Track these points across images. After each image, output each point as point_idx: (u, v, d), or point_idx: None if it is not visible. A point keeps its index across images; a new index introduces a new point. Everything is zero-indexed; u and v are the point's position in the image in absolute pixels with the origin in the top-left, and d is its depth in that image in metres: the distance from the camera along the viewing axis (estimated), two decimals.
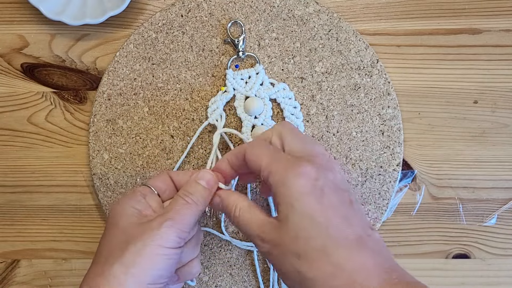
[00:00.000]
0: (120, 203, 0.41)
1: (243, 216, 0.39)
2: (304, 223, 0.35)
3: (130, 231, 0.38)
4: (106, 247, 0.39)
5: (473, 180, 0.51)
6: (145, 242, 0.37)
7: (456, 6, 0.52)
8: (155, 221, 0.39)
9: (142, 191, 0.42)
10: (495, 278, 0.51)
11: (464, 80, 0.52)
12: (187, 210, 0.40)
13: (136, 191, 0.42)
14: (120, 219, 0.40)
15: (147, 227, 0.38)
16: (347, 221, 0.36)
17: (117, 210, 0.40)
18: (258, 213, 0.39)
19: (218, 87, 0.51)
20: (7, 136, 0.52)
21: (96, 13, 0.50)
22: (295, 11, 0.51)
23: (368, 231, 0.36)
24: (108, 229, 0.40)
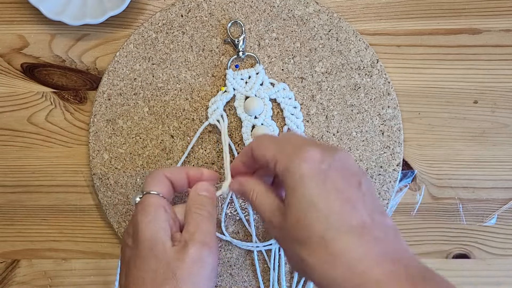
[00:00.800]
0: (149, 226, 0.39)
1: (259, 200, 0.39)
2: (304, 209, 0.35)
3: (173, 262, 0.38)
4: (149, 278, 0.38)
5: (473, 180, 0.51)
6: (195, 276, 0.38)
7: (456, 6, 0.52)
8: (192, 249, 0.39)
9: (160, 203, 0.41)
10: (495, 278, 0.51)
11: (464, 80, 0.52)
12: (209, 224, 0.41)
13: (155, 205, 0.40)
14: (156, 246, 0.39)
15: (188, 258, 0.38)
16: (351, 206, 0.34)
17: (149, 234, 0.39)
18: (273, 198, 0.39)
19: (218, 87, 0.51)
20: (7, 136, 0.52)
21: (96, 13, 0.50)
22: (295, 11, 0.51)
23: (375, 217, 0.35)
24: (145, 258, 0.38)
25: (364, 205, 0.35)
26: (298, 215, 0.35)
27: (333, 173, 0.35)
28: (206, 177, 0.44)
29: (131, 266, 0.39)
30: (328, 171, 0.35)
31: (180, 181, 0.43)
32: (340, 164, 0.36)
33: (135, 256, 0.39)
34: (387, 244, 0.34)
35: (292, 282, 0.50)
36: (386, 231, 0.34)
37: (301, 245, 0.35)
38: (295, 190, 0.35)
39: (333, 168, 0.35)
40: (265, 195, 0.39)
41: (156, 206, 0.40)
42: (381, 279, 0.32)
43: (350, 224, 0.34)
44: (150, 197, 0.41)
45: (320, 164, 0.35)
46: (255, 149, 0.40)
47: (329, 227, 0.34)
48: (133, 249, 0.39)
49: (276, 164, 0.37)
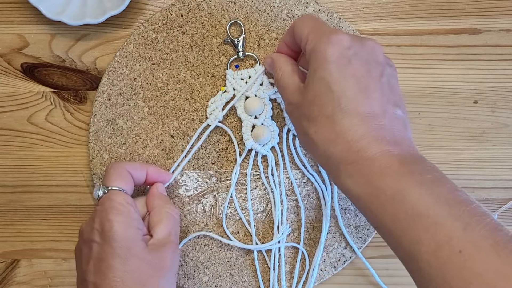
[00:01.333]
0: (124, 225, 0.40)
1: (283, 79, 0.42)
2: (320, 89, 0.37)
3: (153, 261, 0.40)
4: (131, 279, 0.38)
5: (473, 180, 0.51)
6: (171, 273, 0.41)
7: (456, 6, 0.52)
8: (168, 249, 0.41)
9: (129, 201, 0.41)
10: None
11: (464, 80, 0.52)
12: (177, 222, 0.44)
13: (125, 204, 0.41)
14: (133, 245, 0.39)
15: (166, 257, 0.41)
16: (365, 94, 0.36)
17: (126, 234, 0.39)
18: (297, 79, 0.41)
19: (218, 87, 0.51)
20: (7, 136, 0.52)
21: (96, 13, 0.50)
22: (295, 11, 0.51)
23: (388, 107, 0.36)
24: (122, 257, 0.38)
25: (379, 95, 0.37)
26: (313, 94, 0.37)
27: (357, 61, 0.37)
28: (163, 178, 0.47)
29: (104, 265, 0.38)
30: (352, 58, 0.37)
31: (140, 177, 0.45)
32: (366, 53, 0.38)
33: (109, 255, 0.38)
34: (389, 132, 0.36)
35: (292, 282, 0.50)
36: (393, 121, 0.36)
37: (310, 122, 0.37)
38: (316, 71, 0.37)
39: (358, 56, 0.37)
40: (290, 74, 0.41)
41: (126, 205, 0.41)
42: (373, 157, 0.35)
43: (358, 110, 0.36)
44: (119, 195, 0.41)
45: (346, 50, 0.37)
46: (296, 25, 0.41)
47: (338, 109, 0.36)
48: (104, 247, 0.39)
49: (307, 42, 0.39)
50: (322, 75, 0.37)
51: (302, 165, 0.50)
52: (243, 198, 0.50)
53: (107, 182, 0.42)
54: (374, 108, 0.36)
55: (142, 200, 0.45)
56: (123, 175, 0.43)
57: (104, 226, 0.39)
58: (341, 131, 0.36)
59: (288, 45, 0.44)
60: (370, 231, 0.50)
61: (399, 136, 0.36)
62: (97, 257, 0.39)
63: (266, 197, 0.50)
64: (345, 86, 0.36)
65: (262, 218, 0.50)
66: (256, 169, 0.50)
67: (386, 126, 0.36)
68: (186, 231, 0.50)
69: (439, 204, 0.32)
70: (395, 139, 0.36)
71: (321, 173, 0.50)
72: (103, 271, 0.38)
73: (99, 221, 0.40)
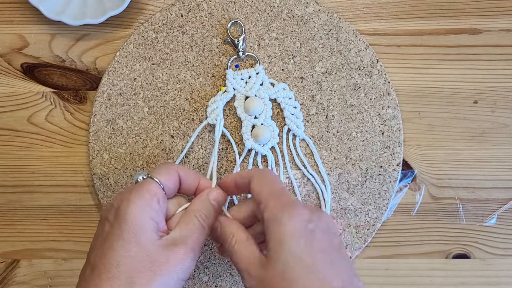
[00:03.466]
0: (139, 210, 0.38)
1: (238, 248, 0.39)
2: (291, 264, 0.36)
3: (155, 255, 0.37)
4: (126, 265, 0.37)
5: (473, 180, 0.51)
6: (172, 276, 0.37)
7: (456, 6, 0.52)
8: (180, 249, 0.38)
9: (157, 192, 0.39)
10: (495, 278, 0.51)
11: (464, 80, 0.52)
12: (204, 237, 0.40)
13: (152, 193, 0.39)
14: (142, 233, 0.38)
15: (173, 256, 0.38)
16: (333, 267, 0.36)
17: (137, 219, 0.38)
18: (253, 248, 0.39)
19: (218, 87, 0.51)
20: (7, 136, 0.52)
21: (96, 13, 0.50)
22: (295, 11, 0.51)
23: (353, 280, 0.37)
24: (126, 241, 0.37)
25: (344, 268, 0.37)
26: (284, 268, 0.36)
27: (319, 234, 0.37)
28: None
29: (107, 245, 0.38)
30: (314, 231, 0.37)
31: (189, 184, 0.43)
32: (325, 226, 0.38)
33: (115, 236, 0.37)
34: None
35: None
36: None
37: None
38: (282, 243, 0.36)
39: (319, 229, 0.37)
40: (246, 243, 0.39)
41: (152, 194, 0.39)
42: None
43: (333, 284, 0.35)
44: (151, 183, 0.40)
45: (308, 223, 0.37)
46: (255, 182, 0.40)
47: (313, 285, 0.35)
48: (114, 226, 0.38)
49: (266, 208, 0.38)
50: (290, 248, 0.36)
51: (302, 165, 0.50)
52: (243, 198, 0.50)
53: (152, 171, 0.41)
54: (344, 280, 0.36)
55: (179, 199, 0.43)
56: (169, 172, 0.41)
57: (121, 205, 0.38)
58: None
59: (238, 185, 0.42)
60: (370, 231, 0.50)
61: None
62: (105, 237, 0.38)
63: None
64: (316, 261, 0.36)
65: None
66: None
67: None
68: None
69: None
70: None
71: (321, 173, 0.50)
72: (103, 251, 0.37)
73: (120, 198, 0.39)
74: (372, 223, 0.50)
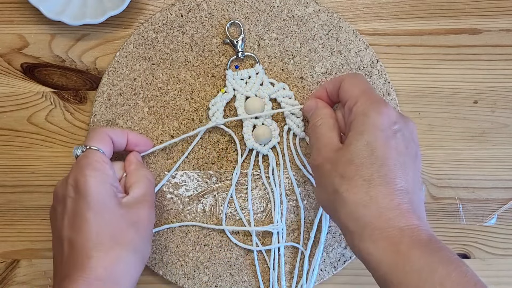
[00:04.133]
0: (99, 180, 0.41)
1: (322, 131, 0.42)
2: (364, 151, 0.38)
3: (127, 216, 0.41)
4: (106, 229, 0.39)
5: (473, 180, 0.51)
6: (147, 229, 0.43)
7: (456, 6, 0.52)
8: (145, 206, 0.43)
9: (105, 160, 0.43)
10: (495, 278, 0.51)
11: (464, 80, 0.52)
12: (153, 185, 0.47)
13: (102, 162, 0.42)
14: (108, 200, 0.41)
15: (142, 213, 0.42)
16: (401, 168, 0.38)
17: (100, 189, 0.40)
18: (335, 136, 0.42)
19: (218, 87, 0.51)
20: (7, 136, 0.52)
21: (96, 13, 0.50)
22: (295, 11, 0.51)
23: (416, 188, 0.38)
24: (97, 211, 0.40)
25: (413, 174, 0.39)
26: (355, 154, 0.38)
27: (400, 136, 0.39)
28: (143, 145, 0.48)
29: (77, 219, 0.39)
30: (397, 133, 0.39)
31: (120, 142, 0.46)
32: (408, 132, 0.40)
33: (84, 209, 0.39)
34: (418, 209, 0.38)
35: (292, 282, 0.50)
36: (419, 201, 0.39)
37: (344, 180, 0.38)
38: (363, 134, 0.39)
39: (401, 132, 0.39)
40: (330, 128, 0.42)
41: (102, 162, 0.42)
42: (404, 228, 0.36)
43: (396, 181, 0.37)
44: (96, 153, 0.42)
45: (393, 124, 0.39)
46: (346, 81, 0.43)
47: (377, 175, 0.37)
48: (78, 201, 0.40)
49: (356, 103, 0.40)
50: (368, 140, 0.38)
51: (302, 165, 0.50)
52: (243, 198, 0.50)
53: (87, 142, 0.44)
54: (408, 184, 0.38)
55: (120, 163, 0.47)
56: (102, 137, 0.44)
57: (79, 181, 0.40)
58: (376, 197, 0.37)
59: (329, 93, 0.45)
60: None
61: (423, 216, 0.38)
62: (72, 212, 0.40)
63: (266, 197, 0.50)
64: (388, 156, 0.38)
65: (262, 218, 0.50)
66: (256, 169, 0.50)
67: (415, 203, 0.38)
68: (186, 231, 0.50)
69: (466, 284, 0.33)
70: (421, 217, 0.37)
71: None
72: (78, 225, 0.39)
73: (74, 176, 0.41)
74: None
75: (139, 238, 0.41)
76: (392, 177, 0.37)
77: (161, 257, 0.50)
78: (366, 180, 0.37)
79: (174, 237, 0.50)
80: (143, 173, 0.45)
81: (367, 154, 0.38)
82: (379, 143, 0.38)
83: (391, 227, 0.36)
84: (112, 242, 0.39)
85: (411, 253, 0.35)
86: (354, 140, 0.39)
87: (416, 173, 0.39)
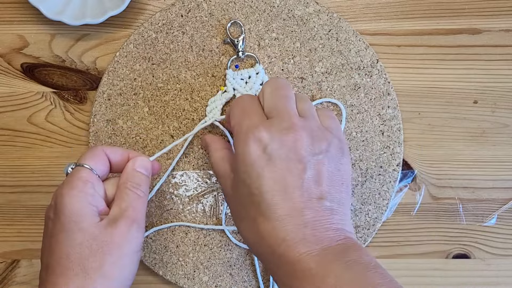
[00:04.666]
0: (75, 200, 0.38)
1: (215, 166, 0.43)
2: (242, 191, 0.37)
3: (100, 236, 0.37)
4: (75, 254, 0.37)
5: (473, 180, 0.51)
6: (122, 251, 0.38)
7: (456, 6, 0.52)
8: (121, 224, 0.38)
9: (89, 178, 0.39)
10: (495, 278, 0.51)
11: (464, 80, 0.52)
12: (142, 204, 0.41)
13: (84, 180, 0.39)
14: (82, 219, 0.37)
15: (117, 232, 0.38)
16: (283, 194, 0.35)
17: (75, 208, 0.38)
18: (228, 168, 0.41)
19: (218, 87, 0.51)
20: (7, 136, 0.52)
21: (96, 13, 0.50)
22: (295, 11, 0.51)
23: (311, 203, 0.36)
24: (69, 231, 0.37)
25: (299, 193, 0.35)
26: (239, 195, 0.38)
27: (276, 160, 0.36)
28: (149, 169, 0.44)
29: (53, 241, 0.38)
30: (271, 157, 0.36)
31: (119, 161, 0.43)
32: (286, 149, 0.36)
33: (58, 230, 0.37)
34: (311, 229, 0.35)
35: None
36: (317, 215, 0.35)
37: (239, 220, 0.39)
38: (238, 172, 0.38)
39: (277, 153, 0.36)
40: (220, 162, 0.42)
41: (84, 180, 0.39)
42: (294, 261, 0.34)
43: (278, 212, 0.35)
44: (81, 171, 0.40)
45: (264, 149, 0.36)
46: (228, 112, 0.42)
47: (259, 213, 0.36)
48: (55, 222, 0.38)
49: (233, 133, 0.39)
50: (242, 178, 0.37)
51: None
52: None
53: (79, 159, 0.41)
54: (295, 207, 0.35)
55: (114, 180, 0.43)
56: (96, 155, 0.41)
57: (57, 201, 0.38)
58: (263, 236, 0.36)
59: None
60: (370, 231, 0.50)
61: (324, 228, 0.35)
62: (49, 234, 0.38)
63: None
64: (264, 189, 0.36)
65: None
66: None
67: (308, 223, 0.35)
68: (186, 232, 0.50)
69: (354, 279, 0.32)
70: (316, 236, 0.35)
71: None
72: (52, 248, 0.38)
73: (55, 195, 0.39)
74: (372, 223, 0.50)
75: (110, 263, 0.37)
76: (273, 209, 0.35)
77: (161, 257, 0.50)
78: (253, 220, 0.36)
79: (174, 237, 0.50)
80: (126, 186, 0.41)
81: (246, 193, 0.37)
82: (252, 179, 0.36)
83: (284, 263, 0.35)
84: (79, 268, 0.36)
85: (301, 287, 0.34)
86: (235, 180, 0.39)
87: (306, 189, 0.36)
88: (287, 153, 0.36)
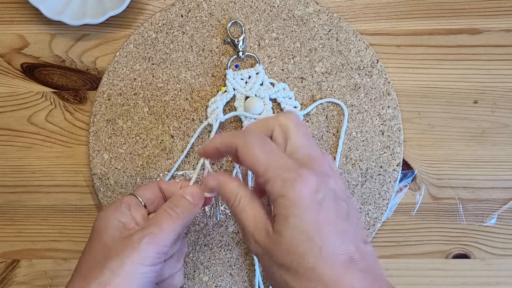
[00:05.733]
0: (105, 215, 0.39)
1: (244, 207, 0.36)
2: (296, 238, 0.34)
3: (112, 246, 0.37)
4: (86, 261, 0.38)
5: (473, 180, 0.51)
6: (123, 260, 0.36)
7: (456, 6, 0.52)
8: (135, 236, 0.37)
9: (128, 201, 0.40)
10: (495, 278, 0.51)
11: (464, 80, 0.52)
12: (170, 224, 0.39)
13: (122, 201, 0.40)
14: (104, 232, 0.38)
15: (127, 243, 0.37)
16: (341, 239, 0.34)
17: (101, 222, 0.39)
18: (259, 209, 0.36)
19: (218, 87, 0.51)
20: (7, 136, 0.52)
21: (96, 13, 0.50)
22: (295, 11, 0.51)
23: (360, 246, 0.35)
24: (90, 241, 0.39)
25: (351, 237, 0.35)
26: (290, 244, 0.34)
27: (327, 204, 0.35)
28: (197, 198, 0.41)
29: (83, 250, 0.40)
30: (323, 202, 0.34)
31: (172, 192, 0.42)
32: (332, 193, 0.35)
33: (86, 243, 0.40)
34: (370, 275, 0.34)
35: None
36: (369, 260, 0.35)
37: (289, 272, 0.34)
38: (288, 219, 0.34)
39: (327, 197, 0.35)
40: (250, 205, 0.36)
41: (123, 202, 0.40)
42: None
43: (339, 258, 0.34)
44: (126, 196, 0.41)
45: (315, 193, 0.34)
46: (243, 151, 0.36)
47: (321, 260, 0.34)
48: (90, 233, 0.40)
49: (267, 182, 0.35)
50: (296, 223, 0.34)
51: None
52: None
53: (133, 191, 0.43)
54: (351, 251, 0.34)
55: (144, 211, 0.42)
56: (149, 187, 0.42)
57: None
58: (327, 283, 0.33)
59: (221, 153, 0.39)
60: (370, 231, 0.50)
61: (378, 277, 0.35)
62: None
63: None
64: (323, 234, 0.34)
65: None
66: None
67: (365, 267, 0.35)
68: (186, 232, 0.50)
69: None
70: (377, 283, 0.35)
71: None
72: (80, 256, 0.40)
73: None
74: (372, 223, 0.50)
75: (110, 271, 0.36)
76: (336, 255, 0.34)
77: None
78: (311, 270, 0.34)
79: None
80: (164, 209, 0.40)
81: (301, 241, 0.34)
82: (309, 224, 0.34)
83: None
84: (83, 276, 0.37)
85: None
86: (283, 227, 0.34)
87: (354, 232, 0.35)
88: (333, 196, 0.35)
